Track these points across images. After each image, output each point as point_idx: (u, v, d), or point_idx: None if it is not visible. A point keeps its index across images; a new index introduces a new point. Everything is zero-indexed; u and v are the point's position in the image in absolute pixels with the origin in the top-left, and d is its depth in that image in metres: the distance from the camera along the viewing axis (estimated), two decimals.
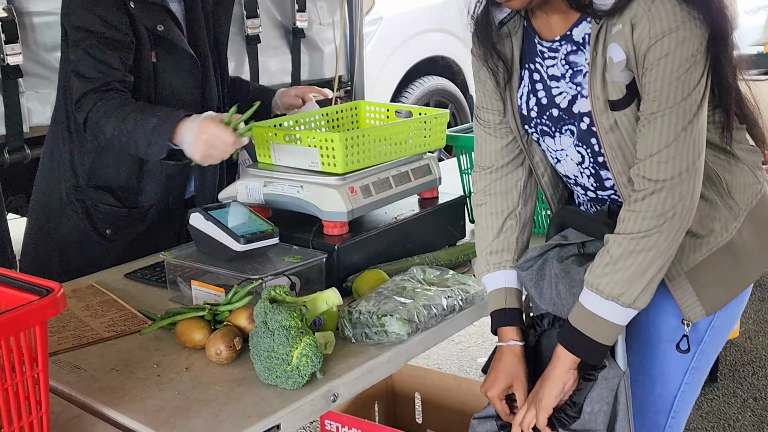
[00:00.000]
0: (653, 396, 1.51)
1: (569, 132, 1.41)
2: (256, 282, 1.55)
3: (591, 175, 1.45)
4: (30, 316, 1.07)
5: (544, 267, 1.45)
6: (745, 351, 3.24)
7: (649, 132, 1.28)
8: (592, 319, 1.32)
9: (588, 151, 1.41)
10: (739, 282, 1.44)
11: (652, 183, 1.28)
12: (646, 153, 1.28)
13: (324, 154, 1.77)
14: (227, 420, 1.27)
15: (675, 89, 1.25)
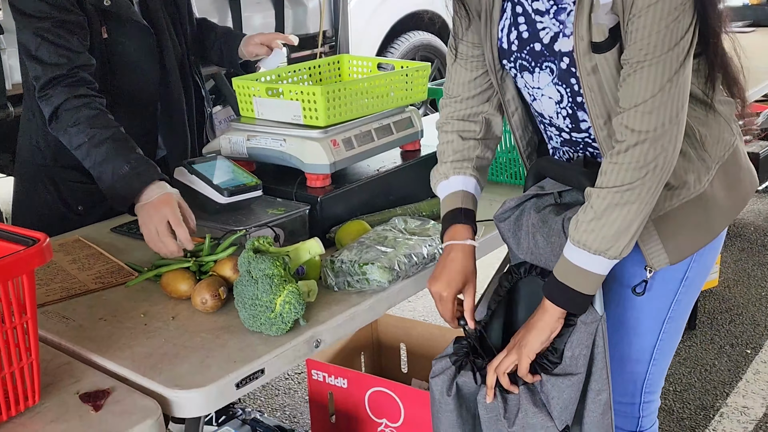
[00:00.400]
0: (633, 347, 1.55)
1: (549, 69, 1.40)
2: (240, 233, 1.58)
3: (567, 116, 1.44)
4: (17, 265, 1.10)
5: (521, 218, 1.47)
6: (723, 299, 3.31)
7: (634, 81, 1.27)
8: (579, 272, 1.34)
9: (567, 90, 1.41)
10: (706, 234, 1.46)
11: (636, 134, 1.28)
12: (630, 102, 1.28)
13: (306, 108, 1.79)
14: (213, 365, 1.31)
15: (663, 38, 1.24)
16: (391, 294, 1.58)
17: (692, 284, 1.51)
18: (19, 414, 1.18)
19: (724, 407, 2.60)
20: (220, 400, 1.28)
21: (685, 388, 2.71)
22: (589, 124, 1.41)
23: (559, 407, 1.34)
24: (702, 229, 1.45)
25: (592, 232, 1.31)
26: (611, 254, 1.32)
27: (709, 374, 2.79)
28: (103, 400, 1.22)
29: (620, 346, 1.55)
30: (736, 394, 2.67)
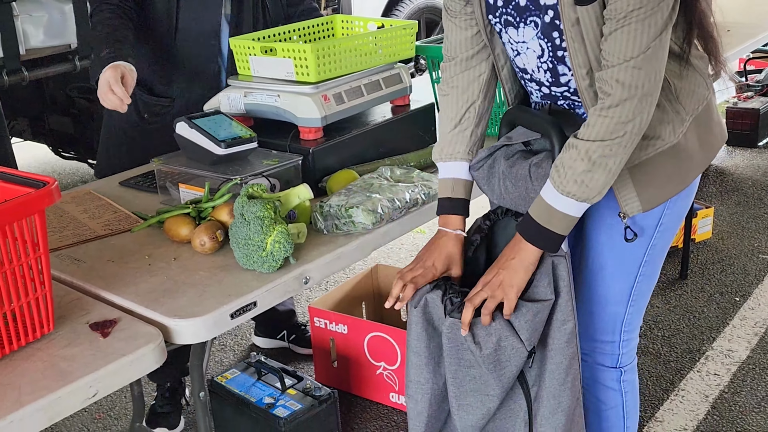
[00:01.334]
0: (612, 289, 1.64)
1: (533, 23, 1.46)
2: (236, 180, 1.70)
3: (548, 70, 1.51)
4: (30, 204, 1.23)
5: (493, 165, 1.57)
6: (716, 250, 3.41)
7: (622, 36, 1.32)
8: (561, 216, 1.42)
9: (549, 45, 1.47)
10: (678, 183, 1.54)
11: (627, 88, 1.33)
12: (620, 57, 1.33)
13: (298, 65, 1.90)
14: (210, 298, 1.45)
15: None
16: (377, 236, 1.70)
17: (666, 230, 1.60)
18: (36, 340, 1.32)
19: (710, 351, 2.71)
20: (215, 328, 1.41)
21: (673, 334, 2.82)
22: (569, 77, 1.48)
23: (528, 331, 1.45)
24: (674, 179, 1.53)
25: (582, 183, 1.38)
26: (594, 200, 1.41)
27: (697, 320, 2.90)
28: (111, 328, 1.36)
29: (600, 288, 1.64)
30: (722, 338, 2.78)
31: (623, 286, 1.64)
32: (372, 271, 2.81)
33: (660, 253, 1.64)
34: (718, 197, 3.94)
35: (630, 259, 1.61)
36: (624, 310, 1.66)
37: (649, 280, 1.66)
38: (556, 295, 1.50)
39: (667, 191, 1.53)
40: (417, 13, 5.10)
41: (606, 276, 1.63)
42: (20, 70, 2.89)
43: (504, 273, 1.47)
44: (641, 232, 1.57)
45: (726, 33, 3.25)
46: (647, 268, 1.63)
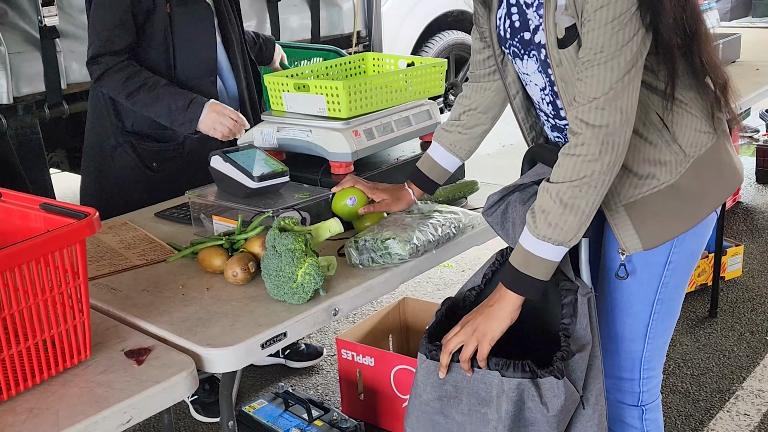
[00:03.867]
0: (627, 327, 1.64)
1: (535, 58, 1.52)
2: (268, 214, 1.75)
3: (549, 103, 1.55)
4: (71, 235, 1.28)
5: (507, 210, 1.58)
6: (746, 289, 3.38)
7: (587, 78, 1.38)
8: (540, 262, 1.42)
9: (547, 80, 1.52)
10: (681, 223, 1.53)
11: (590, 127, 1.37)
12: (586, 97, 1.38)
13: (330, 101, 1.95)
14: (242, 328, 1.48)
15: (609, 40, 1.34)
16: (405, 269, 1.72)
17: (678, 268, 1.59)
18: (73, 366, 1.36)
19: (740, 390, 2.68)
20: (247, 357, 1.44)
21: (702, 372, 2.79)
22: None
23: (580, 379, 1.44)
24: (678, 218, 1.53)
25: (556, 226, 1.39)
26: (572, 243, 1.42)
27: (727, 359, 2.87)
28: (145, 356, 1.40)
29: (615, 325, 1.65)
30: (753, 378, 2.75)
31: (637, 325, 1.63)
32: (399, 304, 2.83)
33: (675, 291, 1.62)
34: (748, 235, 3.91)
35: (640, 298, 1.61)
36: (641, 347, 1.65)
37: (667, 319, 1.65)
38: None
39: (671, 230, 1.53)
40: (446, 49, 5.17)
41: (617, 314, 1.64)
42: (61, 103, 2.98)
43: (480, 319, 1.46)
44: (648, 270, 1.58)
45: (755, 72, 3.26)
46: (661, 306, 1.62)
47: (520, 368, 1.40)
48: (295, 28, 3.77)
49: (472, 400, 1.46)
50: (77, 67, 3.00)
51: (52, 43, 2.88)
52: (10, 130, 2.87)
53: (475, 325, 1.45)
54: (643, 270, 1.58)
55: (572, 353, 1.43)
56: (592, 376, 1.51)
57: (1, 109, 2.84)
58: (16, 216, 1.42)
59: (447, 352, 1.46)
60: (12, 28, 2.81)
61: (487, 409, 1.45)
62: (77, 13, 2.97)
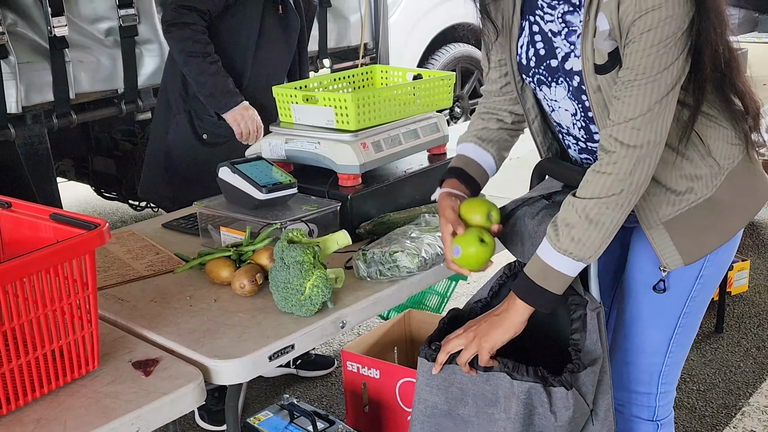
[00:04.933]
0: (650, 339, 1.63)
1: (564, 84, 1.51)
2: (276, 226, 1.75)
3: (582, 128, 1.55)
4: (81, 245, 1.28)
5: (516, 225, 1.57)
6: (753, 304, 3.36)
7: (626, 98, 1.37)
8: (558, 276, 1.42)
9: (579, 106, 1.52)
10: (719, 236, 1.54)
11: (624, 147, 1.37)
12: (621, 117, 1.38)
13: (338, 113, 1.95)
14: (249, 340, 1.48)
15: (653, 62, 1.34)
16: (412, 283, 1.73)
17: (707, 282, 1.60)
18: (81, 377, 1.36)
19: (747, 406, 2.67)
20: (254, 369, 1.44)
21: (708, 388, 2.78)
22: None
23: (590, 393, 1.45)
24: (714, 232, 1.54)
25: (579, 241, 1.39)
26: (591, 260, 1.42)
27: (733, 375, 2.86)
28: (153, 367, 1.40)
29: (636, 339, 1.64)
30: (759, 394, 2.73)
31: (661, 337, 1.63)
32: (405, 316, 2.82)
33: (701, 306, 1.64)
34: (754, 250, 3.90)
35: (668, 310, 1.61)
36: (662, 360, 1.65)
37: (689, 332, 1.65)
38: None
39: (709, 244, 1.54)
40: (453, 62, 5.19)
41: (642, 326, 1.63)
42: (69, 113, 2.99)
43: (484, 327, 1.46)
44: (680, 284, 1.58)
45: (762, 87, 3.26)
46: (687, 319, 1.62)
47: (532, 373, 1.41)
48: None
49: (478, 401, 1.47)
50: (86, 77, 3.02)
51: (61, 54, 2.89)
52: (18, 139, 2.88)
53: (478, 332, 1.45)
54: (675, 284, 1.58)
55: (584, 366, 1.43)
56: (602, 391, 1.51)
57: (10, 119, 2.85)
58: (26, 226, 1.43)
59: (445, 351, 1.46)
60: (22, 38, 2.82)
61: (494, 409, 1.45)
62: (86, 23, 2.99)
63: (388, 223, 1.91)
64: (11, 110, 2.82)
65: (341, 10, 3.89)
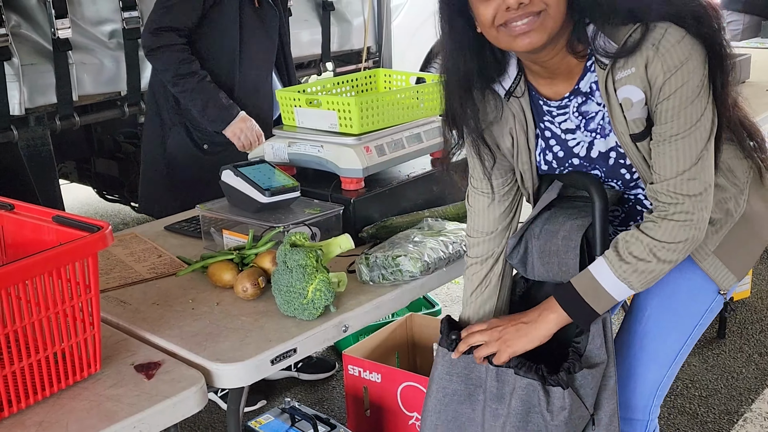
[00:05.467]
0: (667, 347, 1.63)
1: (597, 172, 1.53)
2: (279, 229, 1.75)
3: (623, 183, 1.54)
4: (84, 248, 1.28)
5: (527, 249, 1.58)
6: (755, 310, 3.36)
7: (673, 152, 1.38)
8: (605, 297, 1.43)
9: (619, 183, 1.53)
10: (759, 244, 1.59)
11: (689, 198, 1.38)
12: (674, 171, 1.38)
13: (342, 117, 1.95)
14: (251, 343, 1.47)
15: (690, 114, 1.35)
16: (415, 287, 1.72)
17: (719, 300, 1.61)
18: (83, 380, 1.36)
19: (749, 412, 2.66)
20: (256, 373, 1.44)
21: (710, 394, 2.78)
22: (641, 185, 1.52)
23: (591, 397, 1.46)
24: (753, 242, 1.58)
25: (642, 273, 1.41)
26: (639, 290, 1.45)
27: (735, 381, 2.85)
28: (155, 370, 1.39)
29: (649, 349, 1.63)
30: (761, 400, 2.73)
31: (678, 344, 1.63)
32: (407, 320, 2.82)
33: (711, 319, 1.65)
34: None
35: (689, 321, 1.62)
36: (665, 372, 1.65)
37: (693, 343, 1.66)
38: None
39: (753, 255, 1.59)
40: None
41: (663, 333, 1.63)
42: (72, 115, 2.99)
43: (511, 330, 1.48)
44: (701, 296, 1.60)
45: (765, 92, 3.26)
46: (698, 330, 1.64)
47: (533, 370, 1.45)
48: (306, 43, 3.78)
49: (488, 395, 1.51)
50: (89, 79, 3.02)
51: (65, 56, 2.90)
52: (21, 141, 2.88)
53: (504, 334, 1.49)
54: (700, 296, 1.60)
55: (579, 366, 1.45)
56: (606, 396, 1.51)
57: (13, 120, 2.85)
58: (29, 228, 1.42)
59: (467, 343, 1.52)
60: (25, 40, 2.83)
61: (498, 405, 1.50)
62: (90, 25, 2.99)
63: (390, 227, 1.91)
64: (14, 112, 2.83)
65: (344, 14, 3.90)
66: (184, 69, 2.40)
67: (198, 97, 2.43)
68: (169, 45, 2.39)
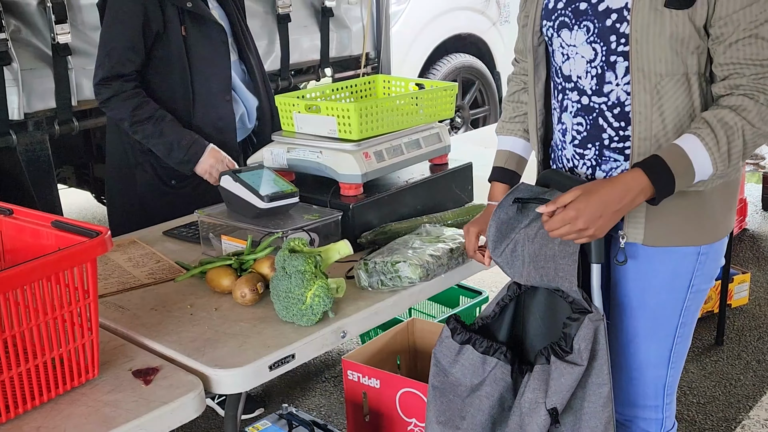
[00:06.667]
0: (652, 352, 1.64)
1: (585, 28, 1.51)
2: (277, 235, 1.75)
3: (596, 76, 1.53)
4: (83, 253, 1.28)
5: (515, 249, 1.57)
6: (753, 317, 3.36)
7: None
8: (690, 175, 1.42)
9: (603, 48, 1.50)
10: (689, 236, 1.54)
11: None
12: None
13: (341, 123, 1.96)
14: (250, 349, 1.47)
15: None
16: (413, 293, 1.72)
17: (698, 291, 1.61)
18: (81, 385, 1.36)
19: (746, 420, 2.66)
20: (254, 379, 1.44)
21: (708, 401, 2.77)
22: (612, 87, 1.51)
23: (553, 389, 1.46)
24: (690, 230, 1.54)
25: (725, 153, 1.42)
26: (718, 174, 1.45)
27: (733, 388, 2.85)
28: (153, 375, 1.39)
29: (638, 353, 1.65)
30: (759, 407, 2.73)
31: (662, 350, 1.64)
32: (408, 324, 2.81)
33: (694, 315, 1.65)
34: (754, 262, 3.90)
35: (666, 323, 1.62)
36: (665, 372, 1.66)
37: (687, 341, 1.67)
38: (593, 358, 1.50)
39: (677, 238, 1.54)
40: (453, 72, 5.19)
41: (642, 342, 1.64)
42: (71, 120, 2.99)
43: (590, 196, 1.42)
44: (673, 296, 1.59)
45: None
46: (683, 329, 1.64)
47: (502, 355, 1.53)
48: (305, 48, 3.78)
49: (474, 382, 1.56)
50: (88, 84, 3.01)
51: (64, 61, 2.89)
52: (19, 146, 2.88)
53: (582, 200, 1.42)
54: (668, 295, 1.59)
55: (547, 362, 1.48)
56: (601, 404, 1.50)
57: (12, 125, 2.84)
58: (28, 233, 1.42)
59: (553, 205, 1.44)
60: (25, 45, 2.83)
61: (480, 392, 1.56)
62: (89, 30, 2.99)
63: (389, 232, 1.91)
64: (13, 117, 2.82)
65: (343, 20, 3.90)
66: (138, 115, 2.28)
67: (159, 142, 2.30)
68: (119, 94, 2.28)
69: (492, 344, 1.57)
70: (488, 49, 5.48)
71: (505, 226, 1.57)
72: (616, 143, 1.55)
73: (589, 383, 1.50)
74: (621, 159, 1.55)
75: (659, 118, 1.48)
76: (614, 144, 1.55)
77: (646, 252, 1.56)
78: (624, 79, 1.50)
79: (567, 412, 1.52)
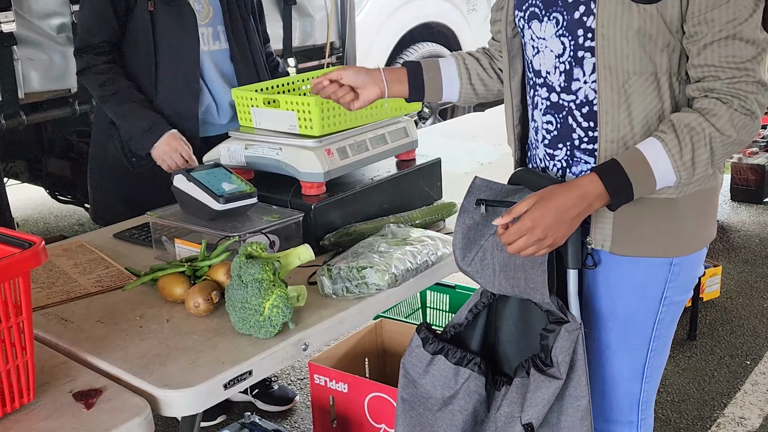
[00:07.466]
0: (625, 366, 1.56)
1: (555, 20, 1.43)
2: (234, 238, 1.63)
3: (564, 72, 1.44)
4: (13, 267, 1.15)
5: (485, 257, 1.48)
6: (725, 310, 3.32)
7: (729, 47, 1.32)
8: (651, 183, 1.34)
9: (571, 42, 1.41)
10: (663, 249, 1.45)
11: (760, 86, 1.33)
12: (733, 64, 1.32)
13: (301, 117, 1.84)
14: (203, 366, 1.36)
15: None
16: (381, 299, 1.62)
17: (672, 303, 1.52)
18: (15, 411, 1.23)
19: (722, 417, 2.61)
20: (208, 399, 1.32)
21: (683, 399, 2.72)
22: (581, 85, 1.42)
23: (528, 401, 1.38)
24: (659, 239, 1.45)
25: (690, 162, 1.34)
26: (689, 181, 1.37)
27: (707, 385, 2.80)
28: (95, 398, 1.27)
29: (610, 366, 1.56)
30: (734, 404, 2.68)
31: (635, 363, 1.56)
32: (376, 326, 2.72)
33: (669, 327, 1.56)
34: (724, 254, 3.86)
35: (639, 335, 1.54)
36: (639, 387, 1.58)
37: (661, 355, 1.58)
38: (572, 369, 1.43)
39: (644, 248, 1.45)
40: None
41: (613, 354, 1.56)
42: (18, 113, 2.84)
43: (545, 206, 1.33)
44: (645, 307, 1.51)
45: None
46: (657, 343, 1.55)
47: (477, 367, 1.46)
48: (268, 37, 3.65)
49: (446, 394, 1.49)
50: (36, 75, 2.87)
51: (9, 51, 2.75)
52: None
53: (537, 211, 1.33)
54: (639, 307, 1.50)
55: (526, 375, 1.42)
56: (579, 417, 1.42)
57: None
58: None
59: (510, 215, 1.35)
60: None
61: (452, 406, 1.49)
62: (36, 19, 2.83)
63: (354, 234, 1.81)
64: None
65: (306, 8, 3.78)
66: (106, 91, 2.24)
67: (121, 121, 2.25)
68: (90, 67, 2.25)
69: (465, 354, 1.48)
70: (455, 37, 5.39)
71: (473, 232, 1.47)
72: (586, 144, 1.46)
73: (566, 396, 1.42)
74: (592, 161, 1.45)
75: (627, 119, 1.38)
76: (584, 145, 1.46)
77: (615, 260, 1.48)
78: (591, 77, 1.41)
79: (543, 427, 1.43)
